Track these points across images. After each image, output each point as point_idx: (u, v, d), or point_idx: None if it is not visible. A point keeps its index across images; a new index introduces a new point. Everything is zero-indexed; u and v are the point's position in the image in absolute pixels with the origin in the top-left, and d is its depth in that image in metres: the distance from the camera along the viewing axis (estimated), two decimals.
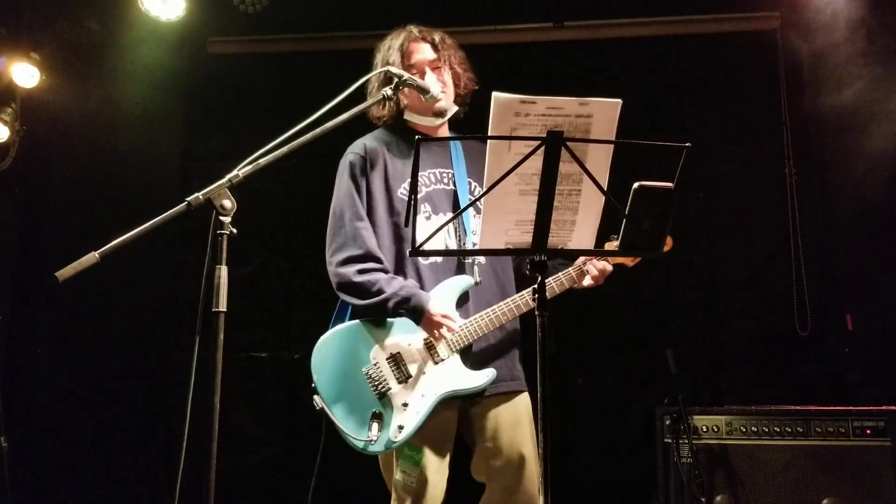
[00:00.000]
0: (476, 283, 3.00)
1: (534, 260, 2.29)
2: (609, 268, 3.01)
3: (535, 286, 2.27)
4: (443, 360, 2.94)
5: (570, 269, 3.04)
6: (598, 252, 2.53)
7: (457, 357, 2.96)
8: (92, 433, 4.76)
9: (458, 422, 3.06)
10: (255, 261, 4.87)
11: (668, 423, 3.84)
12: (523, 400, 3.08)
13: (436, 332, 2.91)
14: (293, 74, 4.96)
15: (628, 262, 3.09)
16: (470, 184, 3.11)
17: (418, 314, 2.90)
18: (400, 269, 3.03)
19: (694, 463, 3.73)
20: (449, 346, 2.94)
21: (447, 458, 3.02)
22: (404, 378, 2.93)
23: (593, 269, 3.00)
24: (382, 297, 2.91)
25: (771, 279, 4.58)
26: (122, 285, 4.72)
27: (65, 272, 2.18)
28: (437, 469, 2.95)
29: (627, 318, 4.68)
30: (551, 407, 2.23)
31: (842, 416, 3.67)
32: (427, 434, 2.92)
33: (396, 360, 2.95)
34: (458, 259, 3.04)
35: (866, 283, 4.47)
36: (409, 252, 2.33)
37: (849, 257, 4.50)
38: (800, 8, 4.56)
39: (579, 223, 2.30)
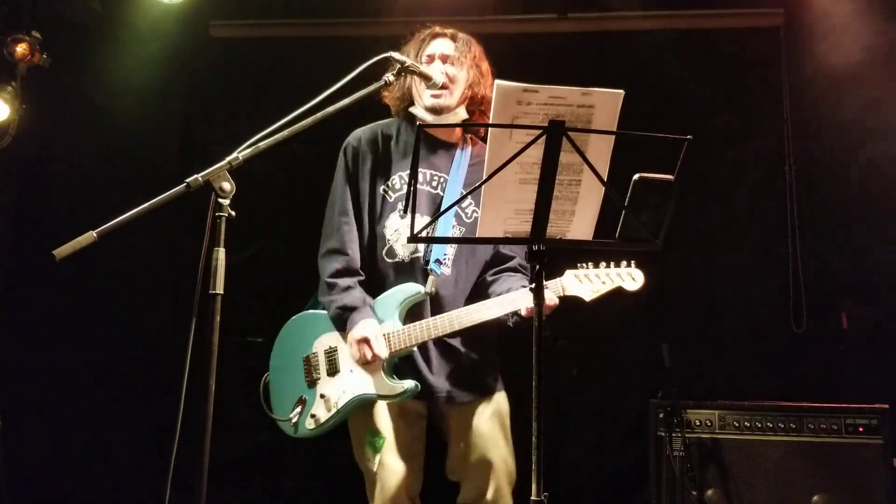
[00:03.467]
0: (427, 293, 2.96)
1: (532, 249, 2.30)
2: (555, 301, 2.89)
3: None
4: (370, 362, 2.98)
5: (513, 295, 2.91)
6: (596, 243, 2.52)
7: (384, 363, 2.96)
8: (85, 414, 4.76)
9: (432, 418, 3.11)
10: (253, 245, 4.87)
11: (661, 416, 3.84)
12: (493, 400, 3.07)
13: (355, 353, 2.94)
14: (295, 59, 4.95)
15: (585, 297, 2.95)
16: (462, 196, 3.04)
17: (349, 330, 2.97)
18: (369, 266, 3.07)
19: (686, 456, 3.74)
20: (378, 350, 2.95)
21: (416, 447, 3.06)
22: (333, 372, 3.01)
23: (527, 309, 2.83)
24: (330, 299, 3.03)
25: (767, 276, 4.59)
26: (119, 266, 4.72)
27: (62, 250, 2.18)
28: (400, 456, 2.99)
29: (623, 311, 4.67)
30: (545, 398, 2.24)
31: (835, 413, 3.68)
32: (388, 420, 2.98)
33: (332, 354, 3.03)
34: (421, 266, 3.00)
35: (862, 283, 4.48)
36: (408, 239, 2.34)
37: (846, 256, 4.51)
38: (804, 5, 4.55)
39: (578, 213, 2.30)
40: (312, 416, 3.00)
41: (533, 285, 2.30)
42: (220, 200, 2.31)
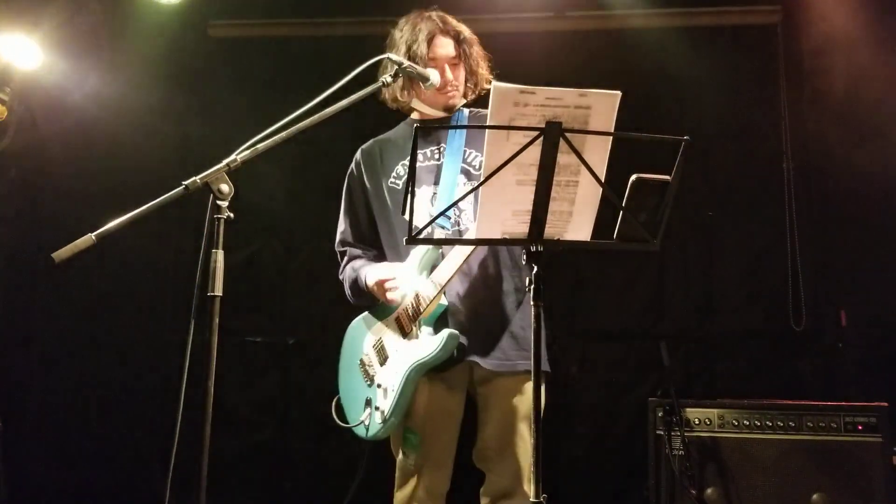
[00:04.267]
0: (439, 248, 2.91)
1: (530, 250, 2.30)
2: None
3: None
4: (408, 332, 2.91)
5: None
6: (594, 244, 2.51)
7: (421, 327, 2.88)
8: (85, 414, 4.78)
9: (467, 404, 3.00)
10: (251, 245, 4.87)
11: (660, 415, 3.84)
12: (530, 390, 2.81)
13: (384, 298, 2.90)
14: (294, 59, 4.96)
15: None
16: (466, 152, 2.99)
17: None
18: (393, 253, 3.04)
19: (685, 455, 3.74)
20: (410, 317, 2.89)
21: (451, 442, 2.98)
22: (384, 360, 2.97)
23: None
24: (345, 287, 3.06)
25: (766, 274, 4.59)
26: (118, 268, 4.73)
27: (61, 253, 2.18)
28: (436, 452, 2.93)
29: (621, 310, 4.69)
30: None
31: (834, 411, 3.68)
32: (425, 417, 2.91)
33: (379, 345, 3.00)
34: (433, 227, 2.90)
35: (861, 280, 4.48)
36: (406, 240, 2.33)
37: (844, 253, 4.52)
38: (801, 2, 4.56)
39: (576, 214, 2.29)
40: (377, 408, 2.92)
41: None
42: (219, 202, 2.31)
